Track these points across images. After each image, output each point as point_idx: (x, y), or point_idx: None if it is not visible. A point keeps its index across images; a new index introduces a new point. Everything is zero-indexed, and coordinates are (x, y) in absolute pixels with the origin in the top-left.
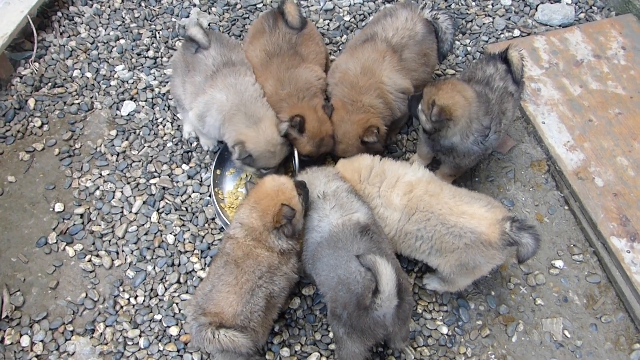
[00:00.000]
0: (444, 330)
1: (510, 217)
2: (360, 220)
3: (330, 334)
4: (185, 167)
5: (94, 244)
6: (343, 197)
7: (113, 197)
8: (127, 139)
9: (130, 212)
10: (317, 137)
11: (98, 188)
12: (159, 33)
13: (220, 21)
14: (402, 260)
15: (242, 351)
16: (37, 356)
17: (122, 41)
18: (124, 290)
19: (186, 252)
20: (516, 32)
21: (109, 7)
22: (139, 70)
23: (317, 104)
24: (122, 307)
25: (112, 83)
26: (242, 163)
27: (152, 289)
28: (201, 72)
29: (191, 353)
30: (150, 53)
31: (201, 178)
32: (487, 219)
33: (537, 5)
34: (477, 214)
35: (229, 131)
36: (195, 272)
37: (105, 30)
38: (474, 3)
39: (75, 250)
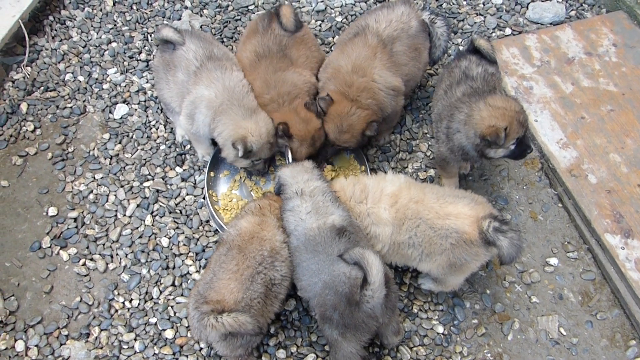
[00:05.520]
0: (440, 329)
1: (492, 214)
2: (336, 223)
3: None
4: (178, 169)
5: (88, 247)
6: (319, 200)
7: (107, 201)
8: (120, 142)
9: (125, 215)
10: (307, 137)
11: (92, 192)
12: (151, 36)
13: (212, 23)
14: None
15: (248, 328)
16: None
17: (114, 44)
18: (118, 294)
19: (181, 254)
20: (507, 31)
21: (101, 10)
22: (131, 73)
23: (298, 105)
24: (117, 310)
25: (105, 86)
26: (243, 158)
27: (147, 292)
28: (183, 69)
29: (187, 356)
30: (143, 56)
31: (195, 180)
32: (470, 217)
33: (528, 4)
34: (461, 213)
35: (224, 124)
36: (190, 274)
37: (97, 33)
38: (465, 2)
39: (69, 254)
